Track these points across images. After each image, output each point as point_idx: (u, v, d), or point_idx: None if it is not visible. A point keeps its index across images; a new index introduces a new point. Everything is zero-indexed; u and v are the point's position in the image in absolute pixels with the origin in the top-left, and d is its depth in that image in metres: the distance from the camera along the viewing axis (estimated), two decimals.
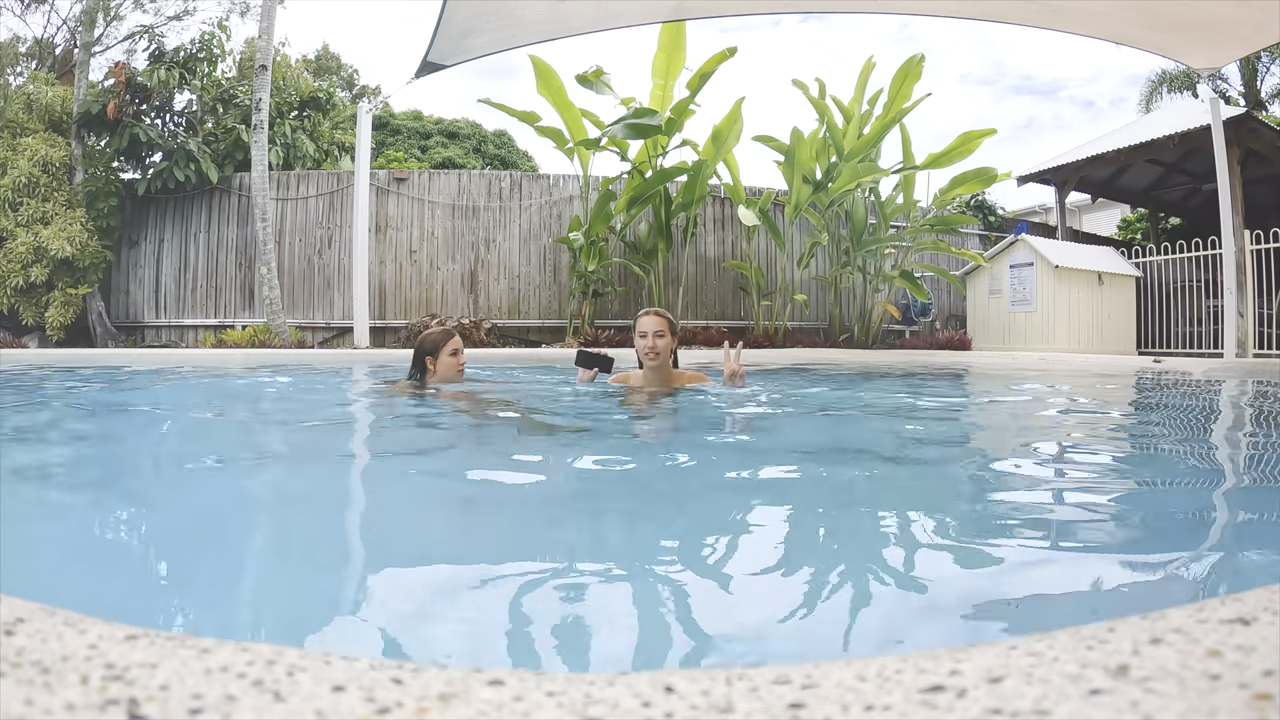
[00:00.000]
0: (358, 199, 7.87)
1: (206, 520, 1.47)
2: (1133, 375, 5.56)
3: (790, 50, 71.48)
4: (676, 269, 9.37)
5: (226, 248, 9.06)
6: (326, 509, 1.60)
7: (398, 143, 15.10)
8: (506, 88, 63.92)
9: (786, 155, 8.37)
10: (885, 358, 6.97)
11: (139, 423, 3.10)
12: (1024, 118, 70.52)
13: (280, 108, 9.78)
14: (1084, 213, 16.32)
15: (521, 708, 0.44)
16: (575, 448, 2.31)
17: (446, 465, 2.11)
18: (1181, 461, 2.27)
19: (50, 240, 8.03)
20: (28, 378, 4.68)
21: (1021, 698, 0.44)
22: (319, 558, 1.24)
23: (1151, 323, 9.34)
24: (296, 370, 5.45)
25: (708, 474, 1.96)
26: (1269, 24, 5.97)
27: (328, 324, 8.93)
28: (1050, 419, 3.34)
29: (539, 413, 2.93)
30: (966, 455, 2.42)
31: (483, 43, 7.10)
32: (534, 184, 9.45)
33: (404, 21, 48.62)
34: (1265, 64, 14.28)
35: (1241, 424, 3.36)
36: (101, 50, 9.92)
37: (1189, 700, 0.43)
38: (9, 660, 0.47)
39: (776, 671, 0.48)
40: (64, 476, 1.95)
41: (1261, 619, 0.54)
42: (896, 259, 9.27)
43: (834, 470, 2.05)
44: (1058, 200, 11.38)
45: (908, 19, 28.01)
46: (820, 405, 3.61)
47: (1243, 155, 8.92)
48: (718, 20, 7.77)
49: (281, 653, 0.50)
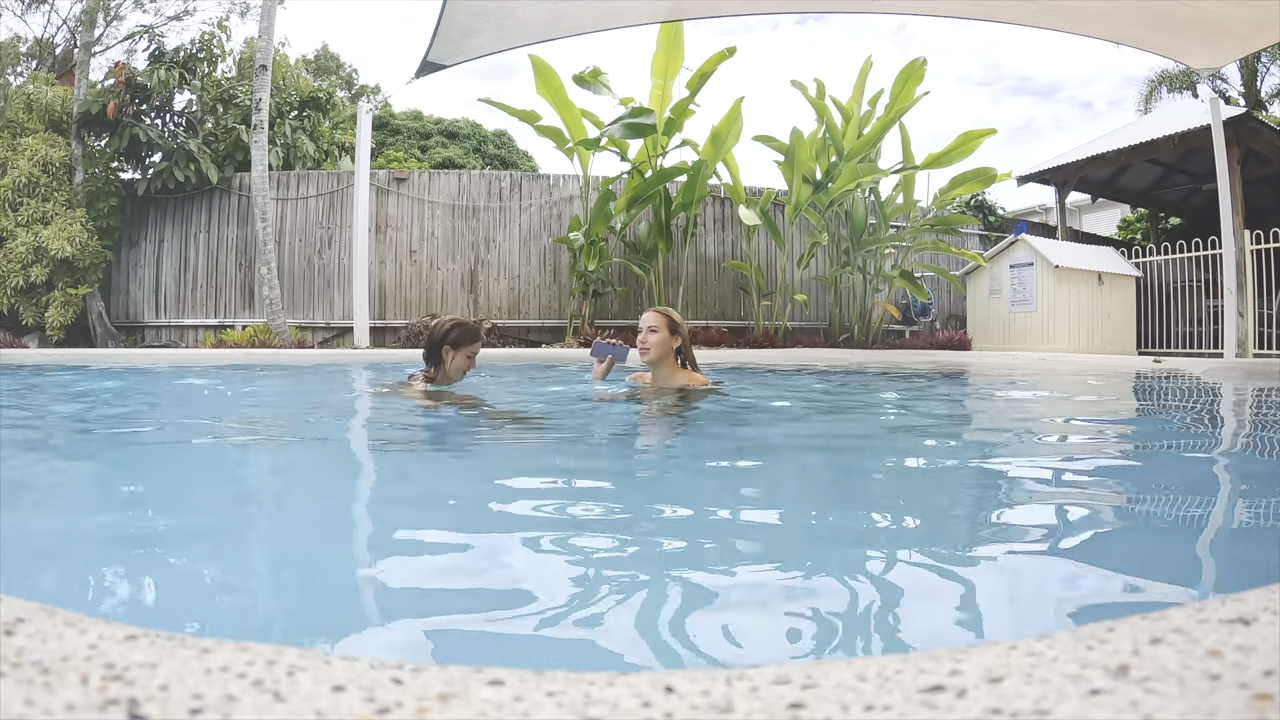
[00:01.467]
0: (358, 199, 7.87)
1: (207, 521, 1.47)
2: (1132, 375, 5.56)
3: (788, 51, 71.43)
4: (676, 269, 9.37)
5: (226, 248, 9.06)
6: (328, 509, 1.60)
7: (398, 143, 15.09)
8: (506, 88, 63.91)
9: (786, 155, 8.37)
10: (885, 358, 6.97)
11: (139, 423, 3.10)
12: (1023, 119, 70.52)
13: (280, 108, 9.78)
14: (1084, 213, 16.32)
15: (521, 708, 0.44)
16: (576, 449, 2.31)
17: (447, 466, 2.11)
18: (1181, 461, 2.27)
19: (50, 240, 8.02)
20: (28, 378, 4.68)
21: (1021, 698, 0.44)
22: (320, 558, 1.24)
23: (1151, 323, 9.34)
24: (292, 371, 5.45)
25: (706, 475, 1.96)
26: (1269, 24, 5.97)
27: (328, 324, 8.93)
28: (1050, 419, 3.34)
29: (538, 419, 2.90)
30: (966, 456, 2.42)
31: (482, 43, 7.10)
32: (534, 184, 9.45)
33: (404, 21, 48.62)
34: (1265, 64, 14.28)
35: (1241, 424, 3.36)
36: (101, 50, 9.92)
37: (1189, 700, 0.43)
38: (9, 660, 0.47)
39: (776, 671, 0.48)
40: (64, 476, 1.95)
41: (1261, 619, 0.54)
42: (896, 259, 9.27)
43: (834, 471, 2.05)
44: (1058, 200, 11.38)
45: (905, 20, 28.01)
46: (820, 406, 3.61)
47: (1243, 155, 8.92)
48: (717, 22, 7.78)
49: (281, 653, 0.50)
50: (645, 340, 3.08)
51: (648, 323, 3.10)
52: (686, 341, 3.20)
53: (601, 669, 0.50)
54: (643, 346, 3.08)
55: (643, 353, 3.09)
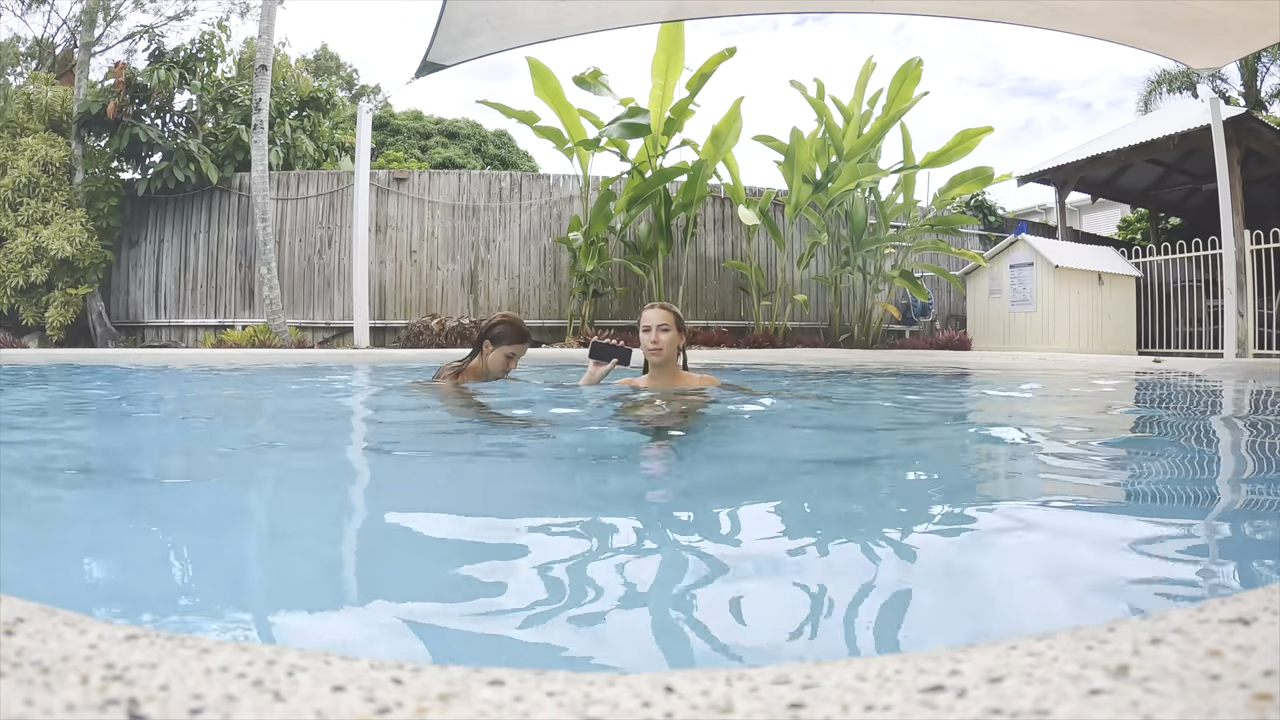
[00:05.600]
0: (358, 199, 7.87)
1: (207, 521, 1.47)
2: (1132, 375, 5.56)
3: (788, 52, 71.60)
4: (676, 269, 9.37)
5: (226, 248, 9.06)
6: (328, 508, 1.60)
7: (398, 143, 15.09)
8: (506, 88, 63.95)
9: (786, 155, 8.37)
10: (885, 358, 6.97)
11: (138, 423, 3.10)
12: (1022, 119, 70.62)
13: (280, 108, 9.78)
14: (1084, 213, 16.32)
15: (521, 708, 0.44)
16: (578, 451, 2.31)
17: (449, 466, 2.11)
18: (1181, 462, 2.27)
19: (50, 240, 8.03)
20: (27, 377, 4.68)
21: (1021, 698, 0.44)
22: (320, 557, 1.24)
23: (1151, 323, 9.34)
24: (294, 371, 5.45)
25: (708, 475, 1.96)
26: (1269, 24, 5.97)
27: (328, 324, 8.93)
28: (1050, 419, 3.34)
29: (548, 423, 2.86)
30: (965, 455, 2.42)
31: (483, 43, 7.10)
32: (534, 184, 9.45)
33: (404, 21, 48.65)
34: (1265, 64, 14.28)
35: (1241, 424, 3.36)
36: (101, 50, 9.92)
37: (1189, 700, 0.43)
38: (9, 660, 0.47)
39: (776, 671, 0.48)
40: (64, 477, 1.95)
41: (1261, 619, 0.54)
42: (896, 259, 9.27)
43: (834, 471, 2.05)
44: (1058, 200, 11.38)
45: (904, 20, 28.02)
46: (820, 406, 3.61)
47: (1243, 155, 8.92)
48: (716, 22, 7.78)
49: (281, 653, 0.50)
50: (658, 340, 2.89)
51: (657, 320, 2.89)
52: (686, 340, 3.09)
53: (601, 669, 0.50)
54: (654, 346, 2.89)
55: (654, 353, 2.91)
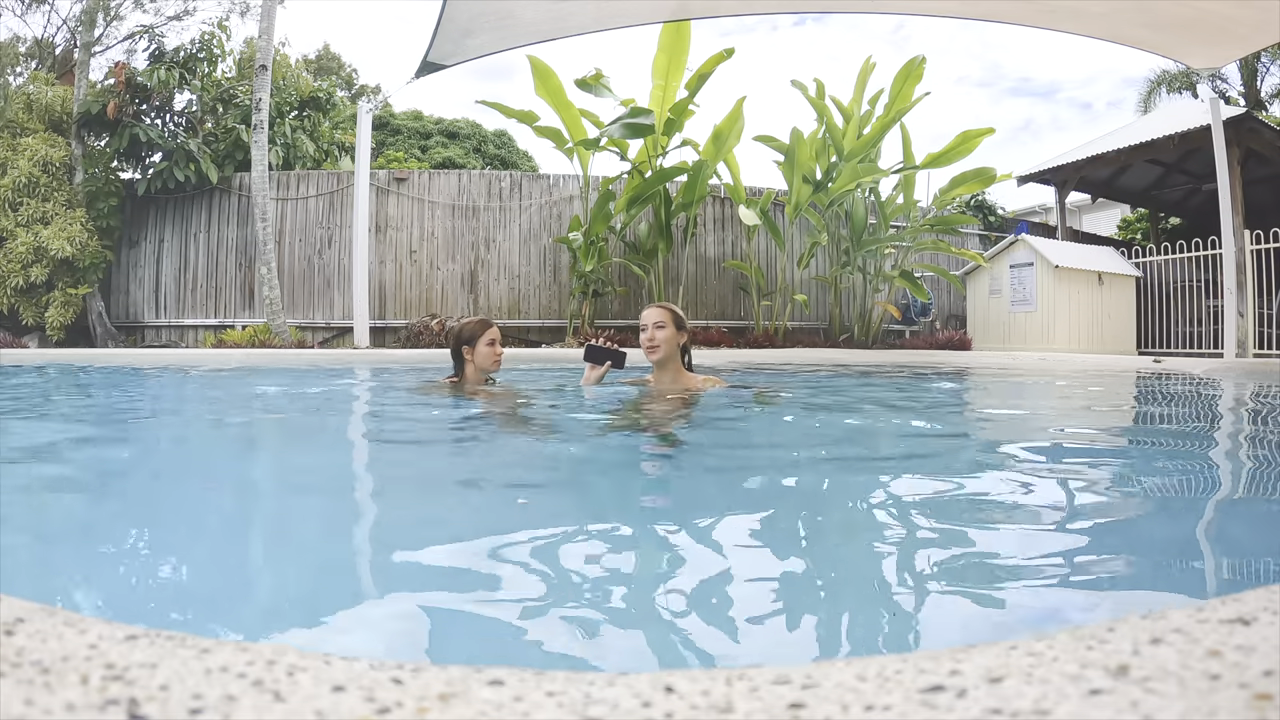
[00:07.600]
0: (358, 199, 7.86)
1: (207, 521, 1.47)
2: (1132, 375, 5.56)
3: (787, 53, 71.60)
4: (676, 269, 9.37)
5: (226, 248, 9.06)
6: (328, 508, 1.60)
7: (398, 143, 15.09)
8: (505, 88, 63.96)
9: (786, 155, 8.37)
10: (885, 358, 6.97)
11: (138, 423, 3.10)
12: (1022, 119, 70.64)
13: (280, 108, 9.78)
14: (1084, 213, 16.32)
15: (521, 708, 0.44)
16: (579, 452, 2.31)
17: (450, 466, 2.11)
18: (1181, 461, 2.27)
19: (50, 240, 8.02)
20: (28, 377, 4.68)
21: (1021, 698, 0.44)
22: (320, 556, 1.24)
23: (1151, 323, 9.34)
24: (294, 371, 5.45)
25: (709, 476, 1.96)
26: (1269, 24, 5.97)
27: (328, 324, 8.93)
28: (1050, 419, 3.34)
29: (546, 421, 2.85)
30: (965, 456, 2.42)
31: (483, 43, 7.10)
32: (534, 184, 9.45)
33: (404, 22, 48.64)
34: (1265, 64, 14.28)
35: (1241, 424, 3.36)
36: (101, 50, 9.93)
37: (1189, 700, 0.43)
38: (9, 660, 0.47)
39: (776, 672, 0.48)
40: (63, 477, 1.95)
41: (1261, 619, 0.54)
42: (896, 259, 9.27)
43: (834, 471, 2.05)
44: (1058, 200, 11.38)
45: (903, 20, 28.02)
46: (820, 406, 3.61)
47: (1243, 155, 8.92)
48: (716, 22, 7.78)
49: (281, 653, 0.50)
50: (653, 338, 2.86)
51: (653, 319, 2.88)
52: (689, 340, 3.04)
53: (601, 669, 0.50)
54: (650, 345, 2.87)
55: (650, 352, 2.89)
